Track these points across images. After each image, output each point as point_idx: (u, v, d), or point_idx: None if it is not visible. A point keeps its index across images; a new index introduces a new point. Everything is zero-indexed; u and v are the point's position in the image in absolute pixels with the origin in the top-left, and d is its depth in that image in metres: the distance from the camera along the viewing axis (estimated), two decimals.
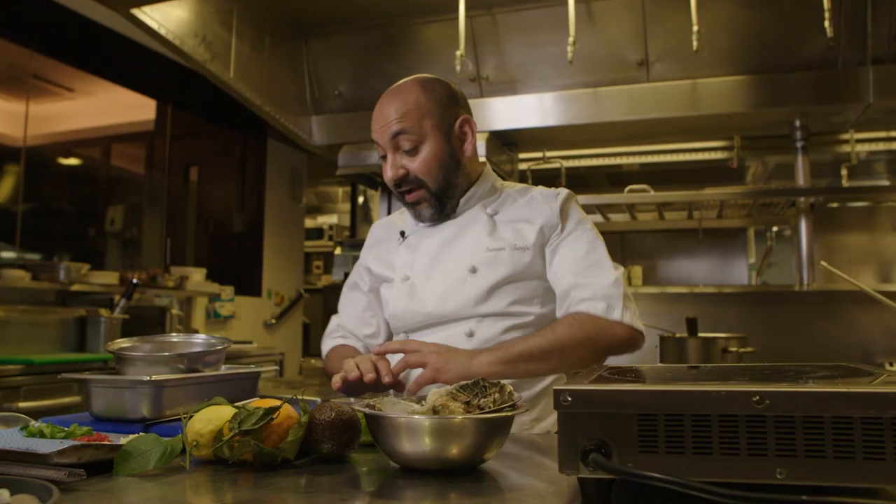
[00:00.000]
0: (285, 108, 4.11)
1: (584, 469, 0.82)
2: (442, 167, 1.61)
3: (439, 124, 1.61)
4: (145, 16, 3.11)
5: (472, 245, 1.62)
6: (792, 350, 3.38)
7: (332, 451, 1.09)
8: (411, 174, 1.60)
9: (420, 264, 1.67)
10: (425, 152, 1.59)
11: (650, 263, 5.45)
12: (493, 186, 1.74)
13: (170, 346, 1.47)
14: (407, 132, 1.57)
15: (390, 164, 1.60)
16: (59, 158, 4.99)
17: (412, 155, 1.59)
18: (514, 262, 1.58)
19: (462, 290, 1.58)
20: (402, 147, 1.59)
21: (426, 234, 1.71)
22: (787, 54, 3.53)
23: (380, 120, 1.61)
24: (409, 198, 1.63)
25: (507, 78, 3.99)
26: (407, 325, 1.65)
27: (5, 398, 3.07)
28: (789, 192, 3.58)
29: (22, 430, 1.17)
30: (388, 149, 1.60)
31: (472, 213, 1.68)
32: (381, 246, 1.81)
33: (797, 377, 1.01)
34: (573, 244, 1.61)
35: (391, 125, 1.58)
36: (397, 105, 1.59)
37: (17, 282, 3.68)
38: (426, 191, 1.61)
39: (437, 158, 1.60)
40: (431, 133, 1.60)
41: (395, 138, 1.58)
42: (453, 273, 1.61)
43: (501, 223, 1.65)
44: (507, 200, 1.71)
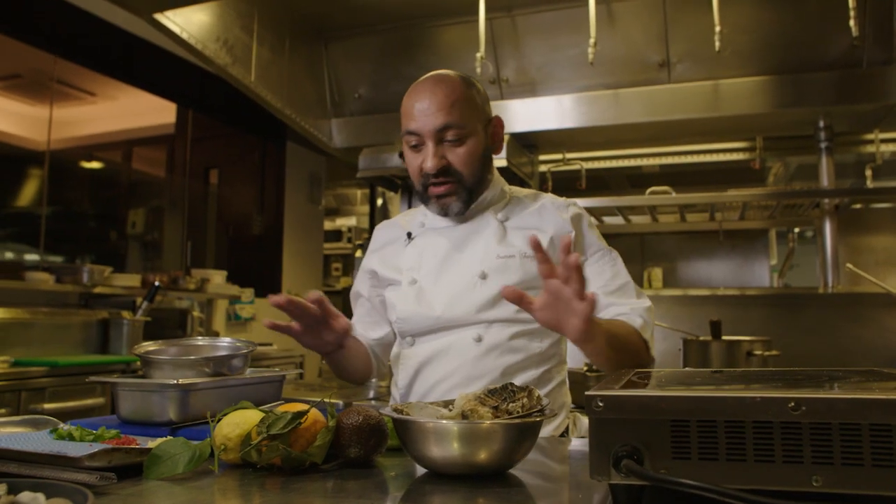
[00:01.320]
0: (305, 111, 4.12)
1: (616, 475, 0.82)
2: (480, 163, 1.61)
3: (482, 120, 1.62)
4: (167, 20, 3.13)
5: (483, 251, 1.61)
6: (817, 353, 3.33)
7: (359, 455, 1.09)
8: (453, 166, 1.58)
9: (428, 267, 1.65)
10: (470, 146, 1.58)
11: (670, 265, 5.42)
12: (503, 191, 1.73)
13: (196, 350, 1.48)
14: (456, 125, 1.55)
15: (432, 154, 1.55)
16: (82, 162, 5.04)
17: (456, 146, 1.57)
18: (525, 270, 1.57)
19: (471, 296, 1.57)
20: (446, 138, 1.56)
21: (434, 237, 1.69)
22: (810, 54, 3.49)
23: (424, 107, 1.56)
24: (440, 190, 1.59)
25: (527, 80, 3.98)
26: (414, 328, 1.64)
27: (31, 399, 3.10)
28: (814, 194, 3.54)
29: (51, 433, 1.18)
30: (430, 138, 1.56)
31: (483, 218, 1.67)
32: (387, 248, 1.79)
33: (830, 382, 1.00)
34: (598, 265, 1.62)
35: (439, 115, 1.54)
36: (445, 95, 1.56)
37: (41, 284, 3.72)
38: (460, 184, 1.59)
39: (479, 153, 1.60)
40: (477, 127, 1.59)
41: (442, 130, 1.55)
42: (463, 278, 1.60)
43: (512, 230, 1.64)
44: (516, 206, 1.69)
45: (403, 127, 1.62)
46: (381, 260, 1.78)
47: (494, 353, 1.55)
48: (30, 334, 3.57)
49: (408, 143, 1.62)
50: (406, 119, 1.60)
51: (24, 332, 3.55)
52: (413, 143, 1.60)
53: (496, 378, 1.52)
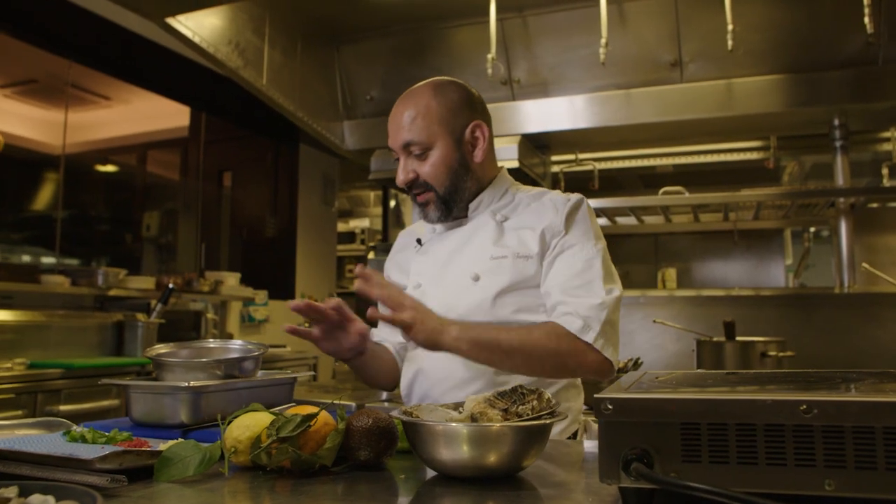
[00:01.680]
0: (317, 113, 4.14)
1: (626, 478, 0.81)
2: (450, 172, 1.61)
3: (449, 130, 1.61)
4: (179, 24, 3.15)
5: (476, 252, 1.61)
6: (832, 354, 3.30)
7: (369, 457, 1.09)
8: (420, 178, 1.61)
9: (430, 272, 1.68)
10: (434, 157, 1.60)
11: (685, 265, 5.39)
12: (507, 192, 1.70)
13: (207, 352, 1.48)
14: (416, 141, 1.59)
15: (401, 168, 1.63)
16: (97, 166, 5.08)
17: (422, 160, 1.61)
18: (517, 271, 1.55)
19: (466, 298, 1.57)
20: (412, 153, 1.61)
21: (438, 241, 1.71)
22: (824, 52, 3.46)
23: (393, 126, 1.64)
24: (419, 199, 1.65)
25: (539, 80, 3.97)
26: None
27: (47, 401, 3.13)
28: (829, 193, 3.50)
29: (64, 435, 1.19)
30: (400, 154, 1.63)
31: (481, 220, 1.66)
32: (402, 253, 1.83)
33: (844, 384, 0.99)
34: (570, 259, 1.55)
35: (402, 133, 1.60)
36: (408, 112, 1.61)
37: (57, 287, 3.75)
38: (434, 194, 1.63)
39: (446, 164, 1.61)
40: (440, 139, 1.60)
41: (406, 146, 1.61)
42: (457, 281, 1.61)
43: (509, 230, 1.63)
44: (519, 206, 1.68)
45: None
46: (395, 265, 1.83)
47: None
48: (46, 337, 3.60)
49: (394, 156, 1.68)
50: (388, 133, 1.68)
51: (40, 335, 3.58)
52: (396, 157, 1.67)
53: (491, 378, 1.52)
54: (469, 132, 1.63)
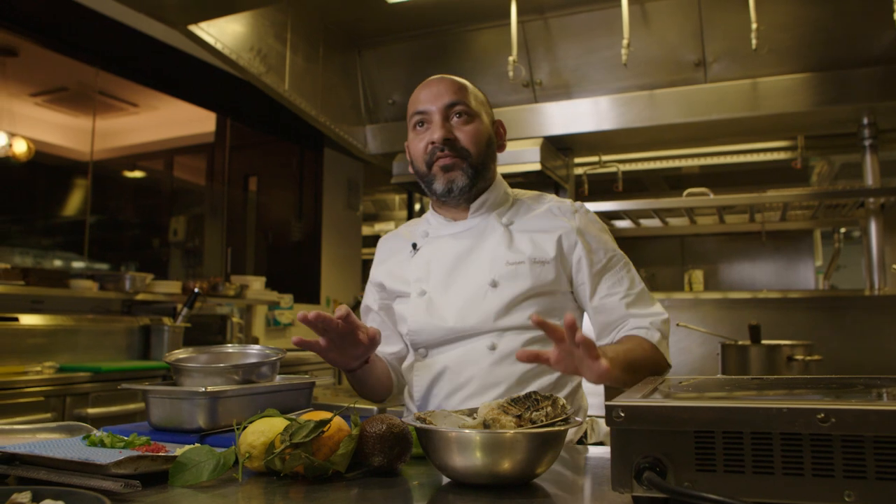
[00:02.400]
0: (340, 117, 4.16)
1: (638, 487, 0.80)
2: (485, 146, 1.63)
3: (487, 114, 1.67)
4: (202, 31, 3.18)
5: (491, 258, 1.59)
6: (862, 358, 3.23)
7: (383, 464, 1.08)
8: (459, 142, 1.60)
9: (436, 277, 1.63)
10: (476, 125, 1.62)
11: (711, 268, 5.32)
12: (506, 193, 1.72)
13: (225, 358, 1.49)
14: (463, 103, 1.61)
15: (439, 127, 1.59)
16: (125, 171, 5.15)
17: (463, 124, 1.61)
18: (535, 276, 1.55)
19: (483, 305, 1.55)
20: (453, 116, 1.61)
21: (439, 245, 1.68)
22: (852, 49, 3.40)
23: (431, 91, 1.63)
24: (446, 161, 1.60)
25: (561, 82, 3.95)
26: (427, 339, 1.61)
27: (75, 405, 3.17)
28: (856, 193, 3.43)
29: (84, 440, 1.20)
30: (439, 115, 1.60)
31: (487, 223, 1.65)
32: (392, 260, 1.77)
33: (866, 391, 0.96)
34: (617, 275, 1.62)
35: (447, 95, 1.61)
36: (454, 81, 1.64)
37: (86, 292, 3.81)
38: (466, 161, 1.61)
39: (485, 136, 1.63)
40: (481, 115, 1.64)
41: (450, 107, 1.60)
42: (472, 287, 1.58)
43: (518, 234, 1.62)
44: (521, 209, 1.68)
45: (410, 112, 1.66)
46: (387, 272, 1.76)
47: (509, 361, 1.52)
48: (74, 341, 3.67)
49: (414, 125, 1.65)
50: (413, 105, 1.65)
51: (69, 339, 3.64)
52: (419, 122, 1.63)
53: (512, 385, 1.50)
54: (497, 126, 1.71)
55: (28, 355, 3.41)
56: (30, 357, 3.41)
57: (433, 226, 1.72)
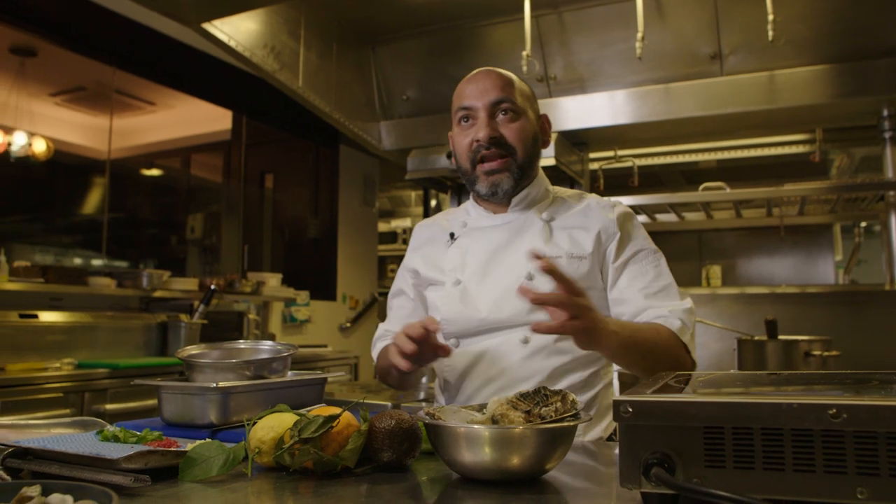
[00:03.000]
0: (354, 114, 4.16)
1: (647, 483, 0.79)
2: (531, 143, 1.62)
3: (533, 110, 1.66)
4: (215, 29, 3.20)
5: (528, 251, 1.57)
6: (881, 354, 3.19)
7: (392, 459, 1.08)
8: (505, 139, 1.59)
9: (472, 268, 1.63)
10: (522, 122, 1.61)
11: (729, 262, 5.27)
12: (546, 190, 1.71)
13: (237, 353, 1.50)
14: (510, 100, 1.59)
15: (484, 125, 1.58)
16: (142, 170, 5.20)
17: (510, 122, 1.59)
18: (572, 271, 1.54)
19: (518, 297, 1.54)
20: (500, 113, 1.60)
21: (477, 237, 1.67)
22: (871, 40, 3.34)
23: (477, 87, 1.61)
24: (493, 165, 1.60)
25: (576, 76, 3.93)
26: (459, 330, 1.61)
27: (93, 400, 3.21)
28: (875, 186, 3.38)
29: (97, 435, 1.21)
30: (484, 111, 1.59)
31: (527, 217, 1.65)
32: (429, 247, 1.77)
33: (882, 387, 0.95)
34: (642, 266, 1.59)
35: (494, 91, 1.59)
36: (500, 76, 1.62)
37: (104, 289, 3.84)
38: (512, 159, 1.60)
39: (531, 133, 1.62)
40: (527, 112, 1.63)
41: (496, 104, 1.59)
42: (508, 278, 1.57)
43: (557, 230, 1.62)
44: (561, 206, 1.68)
45: (455, 106, 1.65)
46: (423, 259, 1.76)
47: (541, 355, 1.52)
48: (93, 337, 3.71)
49: (459, 120, 1.64)
50: (459, 99, 1.64)
51: (87, 336, 3.68)
52: (464, 117, 1.63)
53: (543, 380, 1.50)
54: (542, 121, 1.70)
55: (47, 352, 3.45)
56: (49, 353, 3.45)
57: (473, 217, 1.72)
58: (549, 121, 1.72)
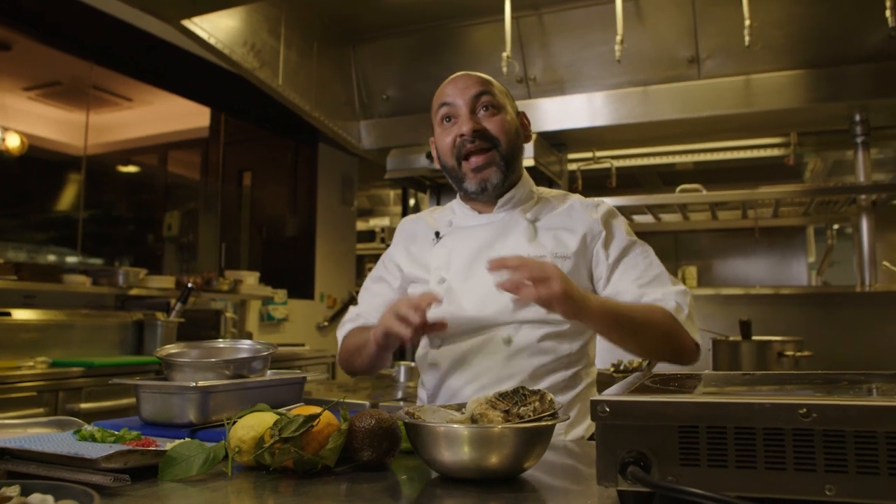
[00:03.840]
0: (334, 113, 4.15)
1: (623, 482, 0.80)
2: (514, 135, 1.65)
3: (513, 107, 1.69)
4: (195, 26, 3.17)
5: (513, 251, 1.60)
6: (852, 354, 3.25)
7: (371, 458, 1.09)
8: (488, 131, 1.61)
9: (457, 267, 1.64)
10: (503, 116, 1.63)
11: (705, 263, 5.34)
12: (531, 191, 1.73)
13: (216, 353, 1.49)
14: (491, 95, 1.62)
15: (467, 119, 1.61)
16: (118, 166, 5.15)
17: (491, 115, 1.62)
18: None
19: (502, 296, 1.53)
20: (480, 107, 1.62)
21: (463, 236, 1.69)
22: (845, 46, 3.40)
23: (458, 85, 1.64)
24: (479, 160, 1.61)
25: (555, 78, 3.96)
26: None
27: (68, 399, 3.17)
28: (848, 190, 3.45)
29: (75, 434, 1.21)
30: (466, 107, 1.62)
31: (511, 217, 1.66)
32: (414, 244, 1.78)
33: (851, 387, 0.97)
34: (633, 260, 1.61)
35: (474, 87, 1.62)
36: (478, 76, 1.66)
37: (79, 287, 3.80)
38: (497, 152, 1.62)
39: (513, 125, 1.65)
40: (508, 108, 1.66)
41: (477, 98, 1.62)
42: (492, 278, 1.56)
43: (542, 230, 1.64)
44: (545, 207, 1.69)
45: (436, 106, 1.67)
46: (407, 255, 1.77)
47: (524, 355, 1.54)
48: (68, 335, 3.66)
49: (441, 119, 1.65)
50: (439, 98, 1.67)
51: (62, 334, 3.63)
52: (445, 116, 1.64)
53: (525, 379, 1.51)
54: (521, 117, 1.73)
55: (21, 350, 3.40)
56: (22, 352, 3.40)
57: (458, 216, 1.73)
58: (527, 117, 1.75)
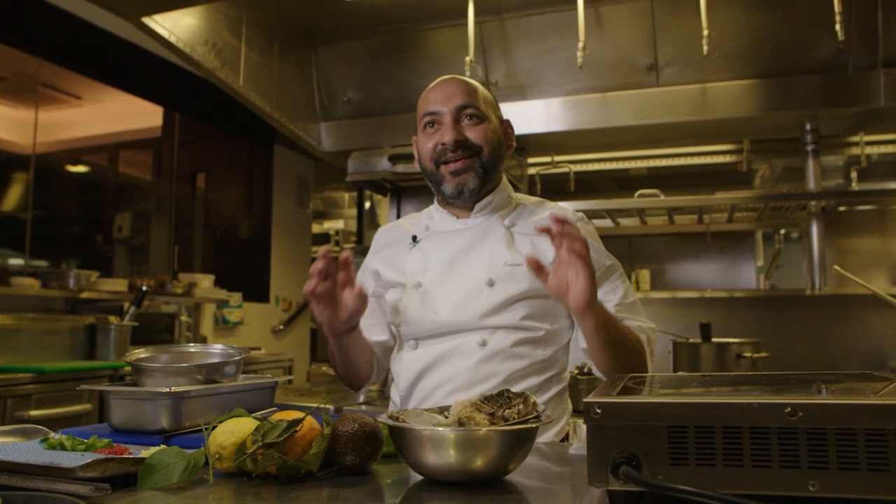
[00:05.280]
0: (294, 114, 4.11)
1: (614, 481, 0.82)
2: (497, 145, 1.66)
3: (497, 116, 1.71)
4: (155, 24, 3.11)
5: (490, 257, 1.61)
6: (805, 355, 3.36)
7: (355, 462, 1.08)
8: (471, 140, 1.62)
9: (433, 271, 1.65)
10: (486, 126, 1.64)
11: (658, 267, 5.44)
12: (509, 197, 1.75)
13: (188, 357, 1.47)
14: (475, 105, 1.63)
15: (450, 129, 1.62)
16: (68, 166, 5.00)
17: (474, 125, 1.63)
18: (531, 279, 1.56)
19: (477, 302, 1.58)
20: (464, 117, 1.63)
21: (440, 240, 1.70)
22: (797, 58, 3.52)
23: (442, 92, 1.65)
24: (457, 165, 1.63)
25: (516, 83, 3.99)
26: (419, 332, 1.63)
27: (17, 407, 3.07)
28: (801, 196, 3.56)
29: (42, 443, 1.17)
30: (450, 116, 1.62)
31: (489, 223, 1.67)
32: (390, 250, 1.79)
33: (825, 387, 1.01)
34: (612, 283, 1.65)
35: (459, 96, 1.63)
36: (465, 83, 1.66)
37: (27, 290, 3.68)
38: (478, 160, 1.63)
39: (496, 135, 1.66)
40: (492, 117, 1.67)
41: (461, 109, 1.63)
42: (468, 283, 1.60)
43: (519, 236, 1.66)
44: (523, 213, 1.71)
45: (420, 112, 1.68)
46: (384, 261, 1.77)
47: (498, 359, 1.55)
48: (15, 340, 3.53)
49: (425, 126, 1.67)
50: (424, 105, 1.68)
51: (9, 339, 3.50)
52: (429, 122, 1.66)
53: (499, 383, 1.52)
54: (506, 127, 1.74)
55: None
56: None
57: (436, 220, 1.75)
58: (511, 126, 1.76)
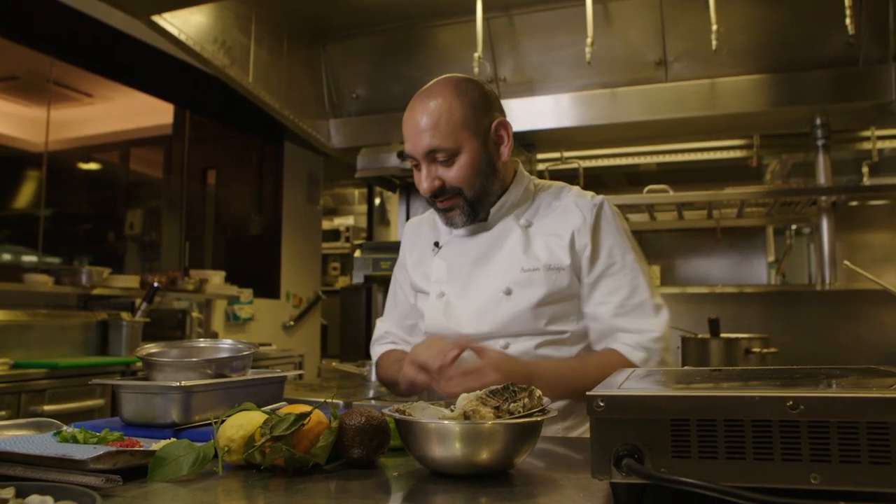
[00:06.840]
0: (303, 111, 4.13)
1: (617, 474, 0.83)
2: (479, 174, 1.54)
3: (475, 131, 1.53)
4: (165, 22, 3.13)
5: (506, 264, 1.58)
6: (814, 350, 3.35)
7: (362, 455, 1.09)
8: (448, 185, 1.54)
9: (454, 280, 1.64)
10: (461, 162, 1.52)
11: (668, 262, 5.42)
12: (527, 190, 1.67)
13: (198, 352, 1.48)
14: (441, 147, 1.50)
15: (425, 176, 1.54)
16: (80, 163, 5.04)
17: (448, 165, 1.52)
18: (550, 284, 1.54)
19: (497, 312, 1.55)
20: (437, 159, 1.52)
21: (459, 247, 1.67)
22: (806, 52, 3.51)
23: (411, 131, 1.53)
24: (442, 205, 1.58)
25: (525, 79, 3.99)
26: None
27: (31, 402, 3.10)
28: (811, 191, 3.55)
29: (55, 436, 1.19)
30: (422, 160, 1.54)
31: (506, 225, 1.63)
32: (418, 252, 1.77)
33: (829, 381, 1.01)
34: (615, 283, 1.56)
35: (424, 139, 1.51)
36: (429, 115, 1.51)
37: (40, 286, 3.72)
38: (462, 198, 1.56)
39: (475, 166, 1.53)
40: (467, 142, 1.52)
41: (430, 153, 1.52)
42: (487, 293, 1.58)
43: (535, 237, 1.60)
44: (540, 207, 1.65)
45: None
46: (413, 263, 1.77)
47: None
48: (29, 336, 3.57)
49: (410, 162, 1.60)
50: (404, 136, 1.58)
51: (23, 335, 3.54)
52: (413, 164, 1.59)
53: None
54: (493, 130, 1.56)
55: None
56: None
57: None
58: (506, 125, 1.59)
